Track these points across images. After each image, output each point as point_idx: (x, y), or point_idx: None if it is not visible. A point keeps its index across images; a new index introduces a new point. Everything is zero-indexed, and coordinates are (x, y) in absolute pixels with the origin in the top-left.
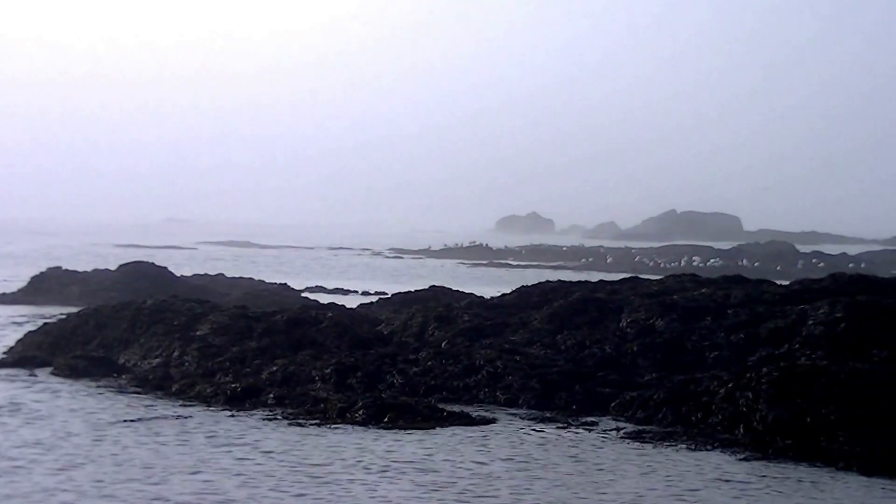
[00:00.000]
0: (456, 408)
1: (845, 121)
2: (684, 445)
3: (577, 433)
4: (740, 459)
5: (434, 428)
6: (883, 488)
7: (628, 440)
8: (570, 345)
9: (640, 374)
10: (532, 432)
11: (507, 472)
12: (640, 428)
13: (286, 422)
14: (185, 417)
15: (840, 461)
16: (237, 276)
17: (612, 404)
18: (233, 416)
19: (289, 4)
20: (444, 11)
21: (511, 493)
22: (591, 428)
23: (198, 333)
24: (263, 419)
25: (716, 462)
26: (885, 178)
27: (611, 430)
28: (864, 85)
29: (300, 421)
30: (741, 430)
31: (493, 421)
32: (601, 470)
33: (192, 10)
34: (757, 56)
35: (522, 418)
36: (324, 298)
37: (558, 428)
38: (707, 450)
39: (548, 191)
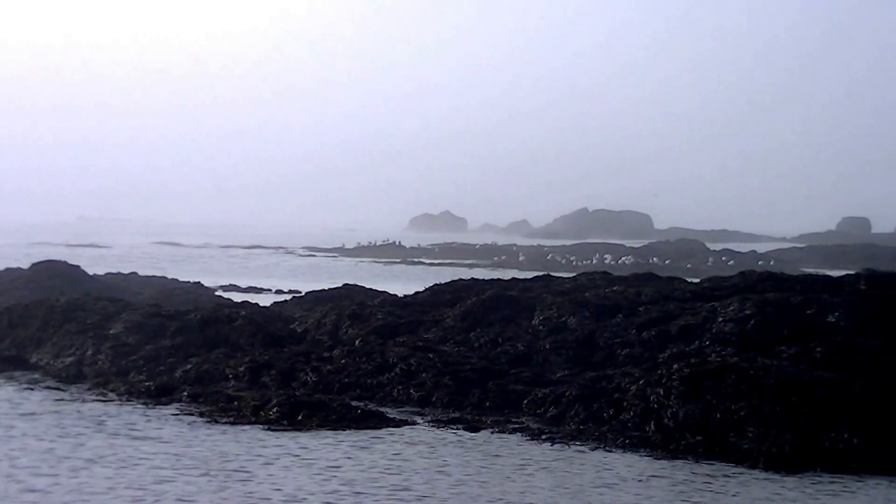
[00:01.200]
0: (371, 405)
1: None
2: (596, 443)
3: (489, 432)
4: (651, 456)
5: (347, 429)
6: (789, 483)
7: (540, 438)
8: (483, 342)
9: (552, 371)
10: (443, 433)
11: (417, 474)
12: (548, 428)
13: (200, 420)
14: (98, 415)
15: (749, 457)
16: (151, 274)
17: (525, 402)
18: (146, 414)
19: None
20: (331, 24)
21: (421, 496)
22: (503, 426)
23: (111, 332)
24: (177, 417)
25: (627, 459)
26: (794, 176)
27: (522, 429)
28: (770, 84)
29: (215, 418)
30: (652, 426)
31: (404, 422)
32: (513, 470)
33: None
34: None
35: (435, 417)
36: (238, 297)
37: (469, 427)
38: (618, 447)
39: (461, 190)
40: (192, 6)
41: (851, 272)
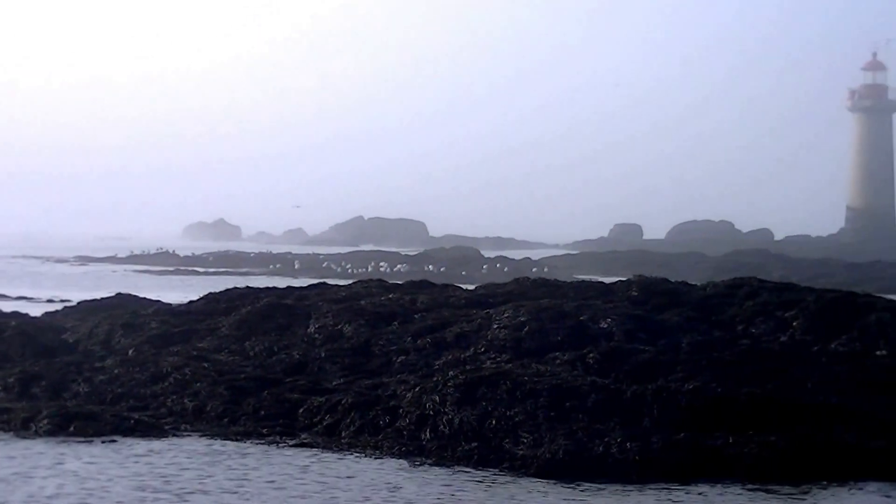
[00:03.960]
0: (145, 416)
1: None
2: (371, 450)
3: (257, 443)
4: (425, 463)
5: (120, 440)
6: (562, 491)
7: (314, 448)
8: (258, 351)
9: (328, 379)
10: (216, 443)
11: (187, 484)
12: (324, 437)
13: None
14: None
15: (524, 463)
16: None
17: (301, 410)
18: None
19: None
20: None
21: None
22: (274, 436)
23: None
24: None
25: (396, 467)
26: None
27: (294, 439)
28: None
29: None
30: (428, 434)
31: (177, 432)
32: (284, 479)
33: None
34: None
35: (209, 426)
36: (7, 306)
37: (243, 436)
38: (393, 455)
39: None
40: None
41: (623, 278)
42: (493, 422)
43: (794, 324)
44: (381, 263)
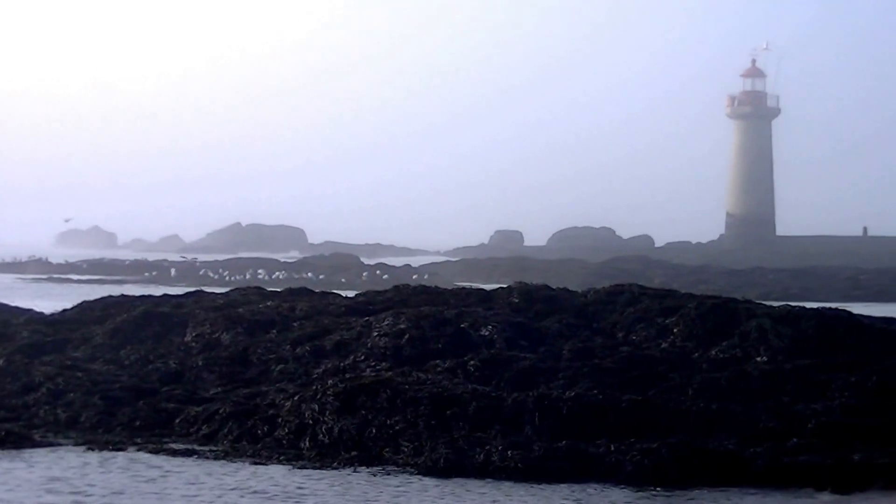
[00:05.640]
0: (16, 427)
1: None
2: (249, 459)
3: (132, 453)
4: (300, 470)
5: None
6: (448, 494)
7: (192, 457)
8: (133, 360)
9: (205, 388)
10: (90, 454)
11: (60, 497)
12: (201, 446)
13: None
14: None
15: (405, 469)
16: None
17: (177, 420)
18: None
19: None
20: None
21: None
22: (150, 446)
23: None
24: None
25: (274, 475)
26: (449, 190)
27: (174, 448)
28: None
29: None
30: (307, 442)
31: (50, 444)
32: (161, 488)
33: None
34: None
35: (83, 437)
36: None
37: (118, 447)
38: (272, 463)
39: (110, 204)
40: None
41: (504, 285)
42: (373, 430)
43: (675, 330)
44: (259, 271)
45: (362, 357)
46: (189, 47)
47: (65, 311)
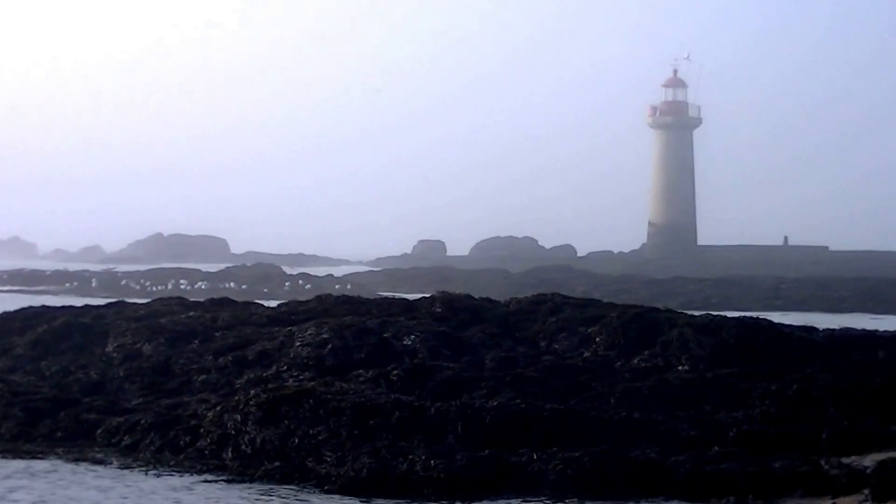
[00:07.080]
0: None
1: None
2: (172, 470)
3: (53, 465)
4: (224, 482)
5: None
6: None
7: (110, 466)
8: (54, 371)
9: (127, 399)
10: (10, 466)
11: None
12: (122, 457)
13: None
14: None
15: (327, 480)
16: None
17: (99, 431)
18: None
19: None
20: None
21: None
22: (71, 457)
23: None
24: None
25: (193, 482)
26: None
27: (94, 459)
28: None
29: None
30: (230, 453)
31: None
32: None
33: None
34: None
35: (3, 449)
36: None
37: (35, 458)
38: (193, 473)
39: (30, 214)
40: None
41: (427, 295)
42: (296, 440)
43: (597, 339)
44: (182, 281)
45: (285, 367)
46: (111, 35)
47: None
